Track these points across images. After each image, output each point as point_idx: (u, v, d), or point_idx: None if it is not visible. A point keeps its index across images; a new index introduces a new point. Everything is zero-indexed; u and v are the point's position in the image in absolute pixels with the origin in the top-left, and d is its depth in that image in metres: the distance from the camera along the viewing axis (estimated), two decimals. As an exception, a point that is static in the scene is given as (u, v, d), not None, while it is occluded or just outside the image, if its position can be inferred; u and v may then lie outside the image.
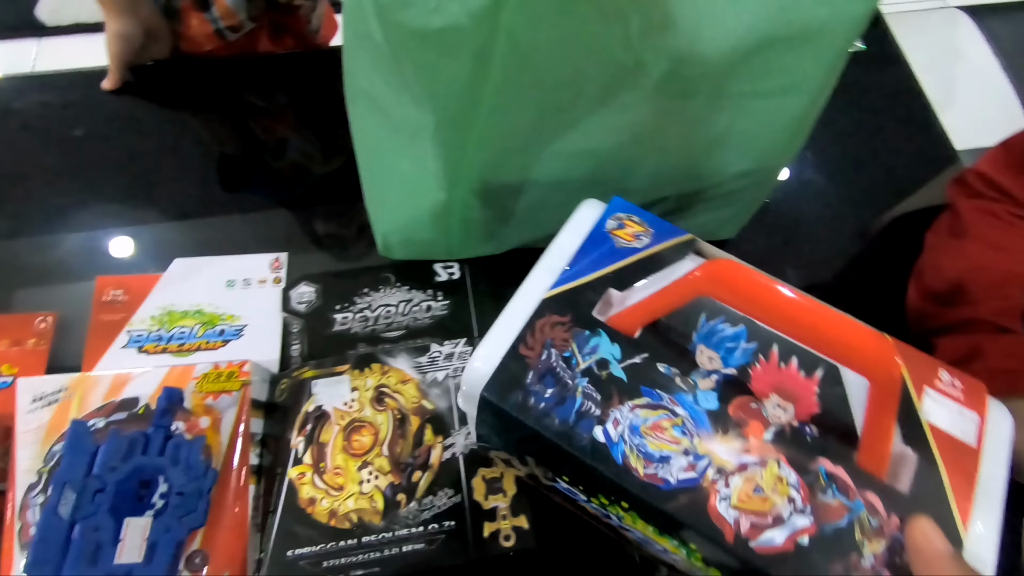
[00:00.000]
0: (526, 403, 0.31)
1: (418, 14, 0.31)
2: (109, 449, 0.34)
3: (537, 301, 0.33)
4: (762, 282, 0.29)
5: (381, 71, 0.35)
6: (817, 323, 0.28)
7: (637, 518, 0.32)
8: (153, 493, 0.35)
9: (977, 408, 0.31)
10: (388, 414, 0.41)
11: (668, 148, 0.41)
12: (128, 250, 0.53)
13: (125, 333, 0.49)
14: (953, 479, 0.29)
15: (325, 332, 0.50)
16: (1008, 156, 0.47)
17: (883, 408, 0.28)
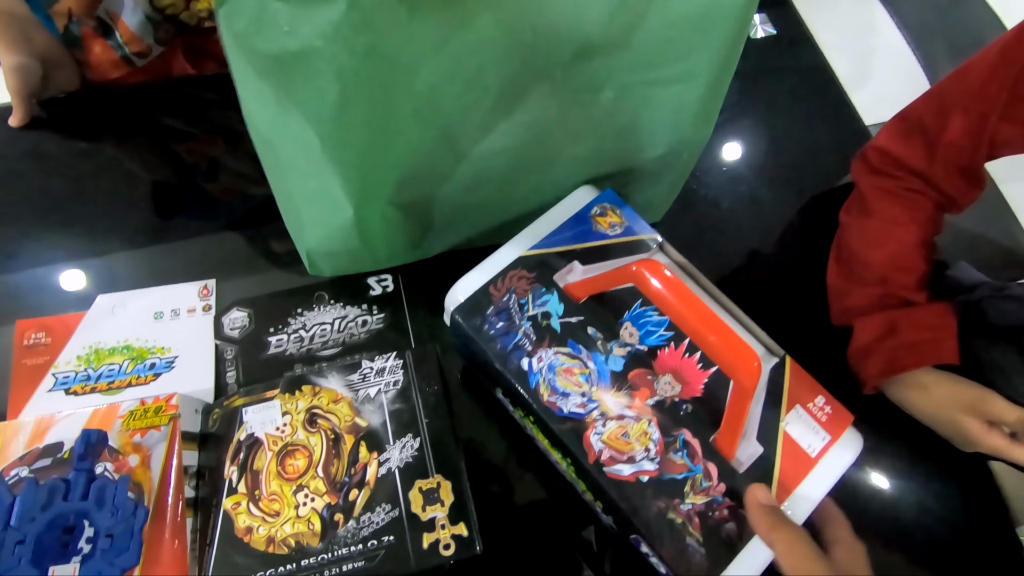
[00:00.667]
0: (481, 327, 0.39)
1: (272, 39, 0.31)
2: (26, 500, 0.33)
3: (515, 256, 0.41)
4: (671, 286, 0.35)
5: (264, 94, 0.35)
6: (703, 330, 0.33)
7: (539, 432, 0.39)
8: (79, 538, 0.34)
9: (832, 432, 0.37)
10: (321, 435, 0.42)
11: (581, 139, 0.42)
12: (48, 289, 0.51)
13: (51, 376, 0.48)
14: (782, 474, 0.36)
15: (260, 356, 0.49)
16: (902, 125, 0.49)
17: (739, 404, 0.34)
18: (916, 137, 0.48)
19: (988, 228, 0.66)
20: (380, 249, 0.47)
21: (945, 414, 0.43)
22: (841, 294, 0.51)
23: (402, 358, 0.44)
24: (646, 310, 0.40)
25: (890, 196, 0.49)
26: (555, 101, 0.38)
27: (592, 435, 0.36)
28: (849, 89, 0.67)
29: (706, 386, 0.38)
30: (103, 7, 0.56)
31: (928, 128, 0.47)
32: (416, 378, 0.44)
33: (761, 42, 0.69)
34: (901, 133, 0.49)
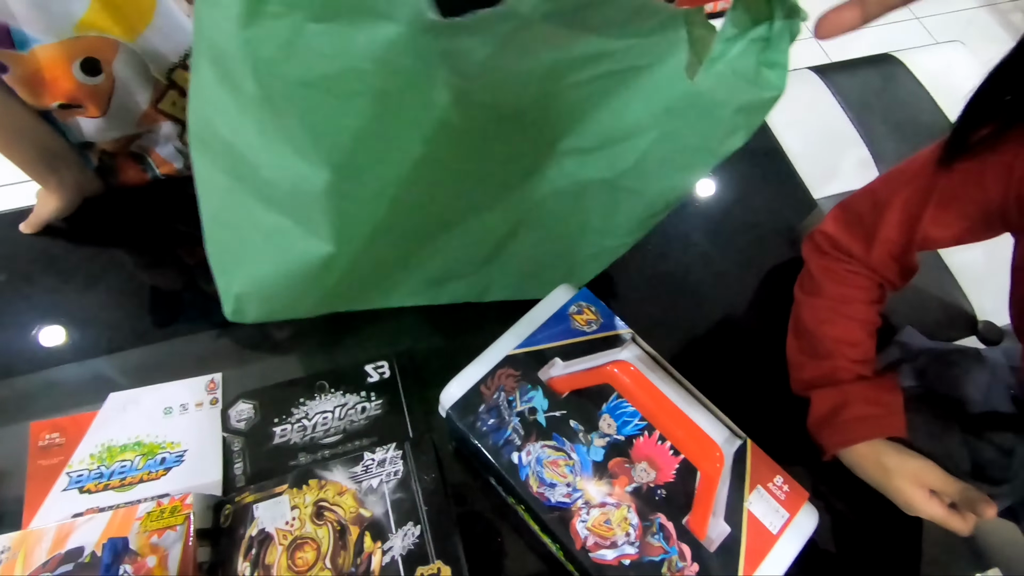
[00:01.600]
0: (475, 424, 0.43)
1: (304, 63, 0.30)
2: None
3: (503, 355, 0.45)
4: (640, 385, 0.41)
5: (252, 122, 0.34)
6: (670, 425, 0.39)
7: (530, 519, 0.43)
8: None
9: (790, 509, 0.41)
10: (328, 527, 0.45)
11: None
12: (61, 390, 0.54)
13: (65, 476, 0.50)
14: (748, 551, 0.39)
15: (266, 447, 0.52)
16: (844, 215, 0.55)
17: (706, 490, 0.39)
18: (855, 228, 0.54)
19: (932, 290, 0.73)
20: (327, 293, 0.47)
21: (893, 482, 0.47)
22: (798, 366, 0.56)
23: (401, 448, 0.48)
24: (622, 402, 0.44)
25: (836, 277, 0.55)
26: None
27: (578, 523, 0.40)
28: (797, 165, 0.74)
29: (677, 471, 0.42)
30: (136, 144, 0.62)
31: (865, 222, 0.53)
32: (415, 468, 0.47)
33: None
34: (843, 222, 0.55)
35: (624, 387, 0.40)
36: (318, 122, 0.33)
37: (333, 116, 0.33)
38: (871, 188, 0.54)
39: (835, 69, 0.87)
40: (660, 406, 0.39)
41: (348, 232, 0.40)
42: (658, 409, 0.39)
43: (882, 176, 0.54)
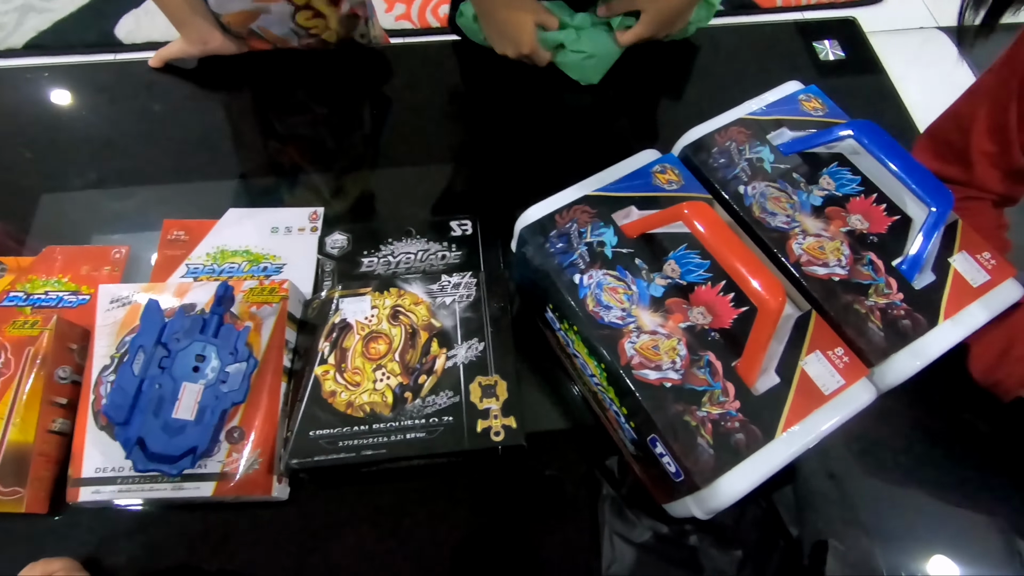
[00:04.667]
0: (543, 245, 0.46)
1: None
2: (175, 324, 0.42)
3: (581, 193, 0.48)
4: (713, 224, 0.40)
5: None
6: (736, 261, 0.38)
7: (580, 340, 0.44)
8: (206, 366, 0.42)
9: (847, 378, 0.40)
10: (401, 328, 0.48)
11: None
12: (191, 200, 0.62)
13: (184, 266, 0.57)
14: (794, 404, 0.39)
15: (353, 272, 0.57)
16: (932, 144, 0.53)
17: (761, 331, 0.38)
18: (947, 154, 0.52)
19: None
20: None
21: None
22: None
23: (476, 277, 0.51)
24: (690, 252, 0.45)
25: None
26: None
27: (626, 343, 0.41)
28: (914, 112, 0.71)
29: (735, 321, 0.42)
30: (256, 23, 0.69)
31: (956, 144, 0.51)
32: (486, 295, 0.50)
33: (833, 64, 0.74)
34: (934, 152, 0.53)
35: (694, 225, 0.40)
36: None
37: None
38: (952, 110, 0.52)
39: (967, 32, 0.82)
40: (728, 245, 0.38)
41: None
42: (726, 247, 0.38)
43: (961, 96, 0.52)
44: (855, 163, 0.49)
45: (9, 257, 0.57)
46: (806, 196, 0.46)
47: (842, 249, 0.44)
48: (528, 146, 0.66)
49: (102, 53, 1.54)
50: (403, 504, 0.47)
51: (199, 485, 0.42)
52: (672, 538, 0.44)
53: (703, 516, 0.39)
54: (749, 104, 0.52)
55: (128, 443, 0.37)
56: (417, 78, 0.71)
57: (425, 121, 0.68)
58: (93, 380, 0.46)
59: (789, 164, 0.48)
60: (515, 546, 0.46)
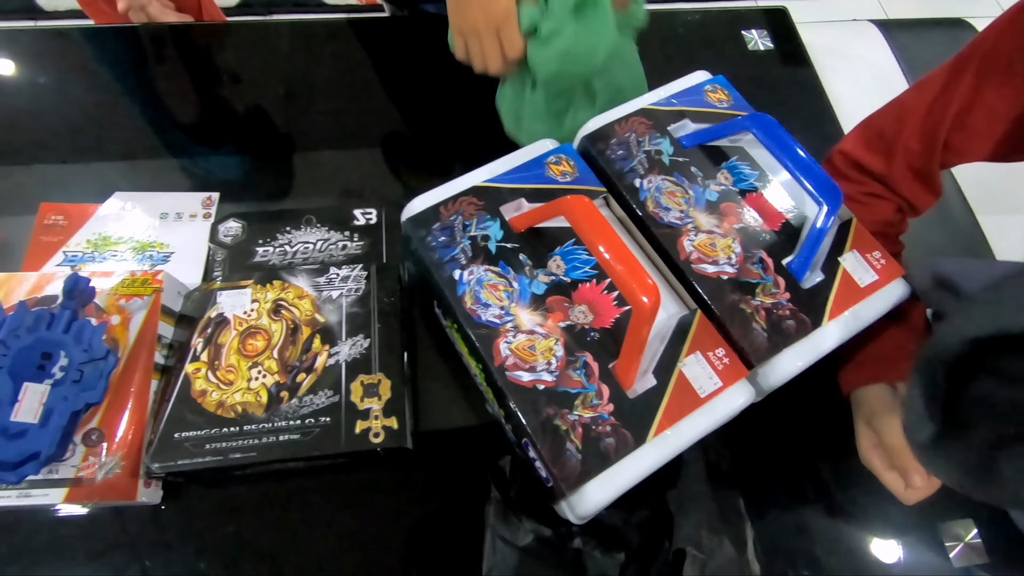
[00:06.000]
0: (425, 238, 0.43)
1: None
2: (14, 319, 0.38)
3: (469, 185, 0.45)
4: (592, 218, 0.38)
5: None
6: (613, 259, 0.36)
7: (460, 339, 0.43)
8: (53, 365, 0.39)
9: (726, 380, 0.39)
10: (282, 323, 0.46)
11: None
12: (71, 182, 0.58)
13: (61, 253, 0.53)
14: (669, 407, 0.38)
15: (246, 262, 0.54)
16: (865, 132, 0.52)
17: (636, 333, 0.36)
18: (876, 142, 0.51)
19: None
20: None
21: (857, 421, 0.45)
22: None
23: (367, 271, 0.48)
24: (576, 248, 0.43)
25: (851, 201, 0.51)
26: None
27: (502, 343, 0.39)
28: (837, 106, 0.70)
29: (616, 321, 0.41)
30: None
31: (887, 133, 0.50)
32: (376, 288, 0.48)
33: (761, 54, 0.73)
34: (863, 139, 0.52)
35: (575, 218, 0.38)
36: None
37: None
38: (898, 100, 0.51)
39: (899, 26, 0.82)
40: (606, 241, 0.36)
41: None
42: (605, 245, 0.36)
43: (910, 88, 0.51)
44: (755, 158, 0.48)
45: None
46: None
47: (733, 247, 0.43)
48: (441, 131, 0.63)
49: (22, 20, 1.44)
50: (283, 506, 0.45)
51: (48, 492, 0.39)
52: (555, 541, 0.43)
53: (576, 521, 0.38)
54: (653, 94, 0.51)
55: None
56: (327, 56, 0.68)
57: (334, 102, 0.65)
58: (-64, 378, 0.42)
59: (688, 157, 0.47)
60: (394, 550, 0.44)
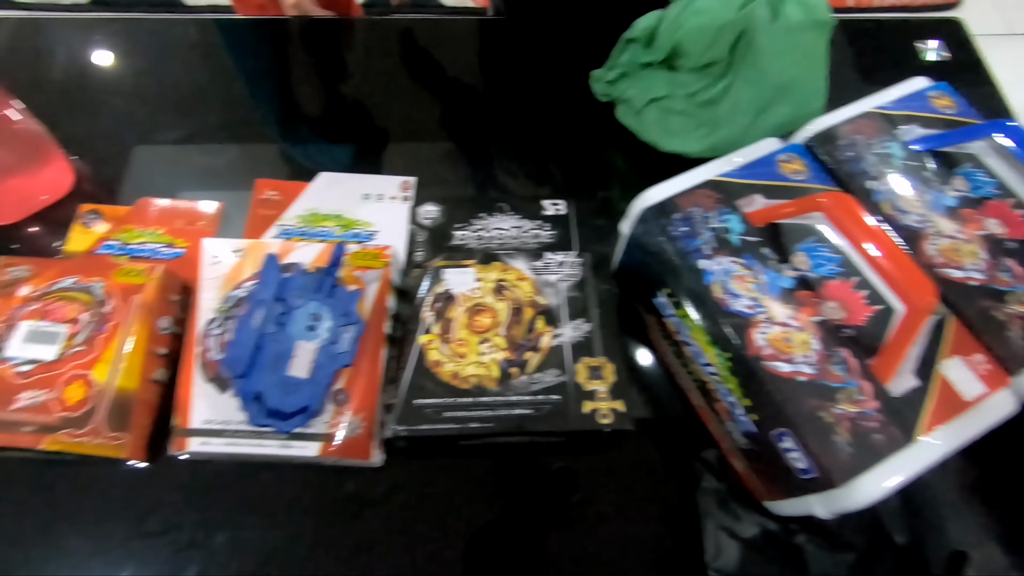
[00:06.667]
0: (666, 228, 0.44)
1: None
2: (294, 281, 0.41)
3: (704, 178, 0.46)
4: (854, 217, 0.39)
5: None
6: (884, 256, 0.37)
7: (699, 328, 0.43)
8: (321, 326, 0.42)
9: (990, 385, 0.38)
10: (506, 303, 0.47)
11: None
12: (283, 161, 0.61)
13: (276, 226, 0.57)
14: (936, 408, 0.37)
15: (445, 244, 0.56)
16: None
17: (907, 331, 0.36)
18: None
19: None
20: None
21: None
22: None
23: (581, 257, 0.50)
24: (819, 246, 0.43)
25: None
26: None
27: (756, 332, 0.40)
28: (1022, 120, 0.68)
29: (869, 320, 0.40)
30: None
31: None
32: (591, 276, 0.49)
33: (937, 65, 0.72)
34: None
35: (837, 215, 0.39)
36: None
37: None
38: None
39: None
40: (876, 238, 0.37)
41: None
42: (873, 244, 0.37)
43: None
44: (989, 166, 0.47)
45: (105, 206, 0.57)
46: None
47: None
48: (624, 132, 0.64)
49: (161, 14, 1.55)
50: (498, 479, 0.47)
51: (306, 445, 0.42)
52: (779, 536, 0.42)
53: (826, 515, 0.37)
54: (875, 98, 0.50)
55: (248, 396, 0.36)
56: (526, 54, 0.70)
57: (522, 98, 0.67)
58: (199, 333, 0.45)
59: (919, 162, 0.47)
60: (612, 529, 0.45)
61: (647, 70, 0.59)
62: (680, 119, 0.58)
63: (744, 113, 0.55)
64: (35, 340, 0.45)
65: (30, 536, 0.44)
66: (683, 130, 0.58)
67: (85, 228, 0.56)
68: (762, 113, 0.55)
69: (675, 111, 0.58)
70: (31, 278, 0.47)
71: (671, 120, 0.59)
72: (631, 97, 0.60)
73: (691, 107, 0.57)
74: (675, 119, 0.58)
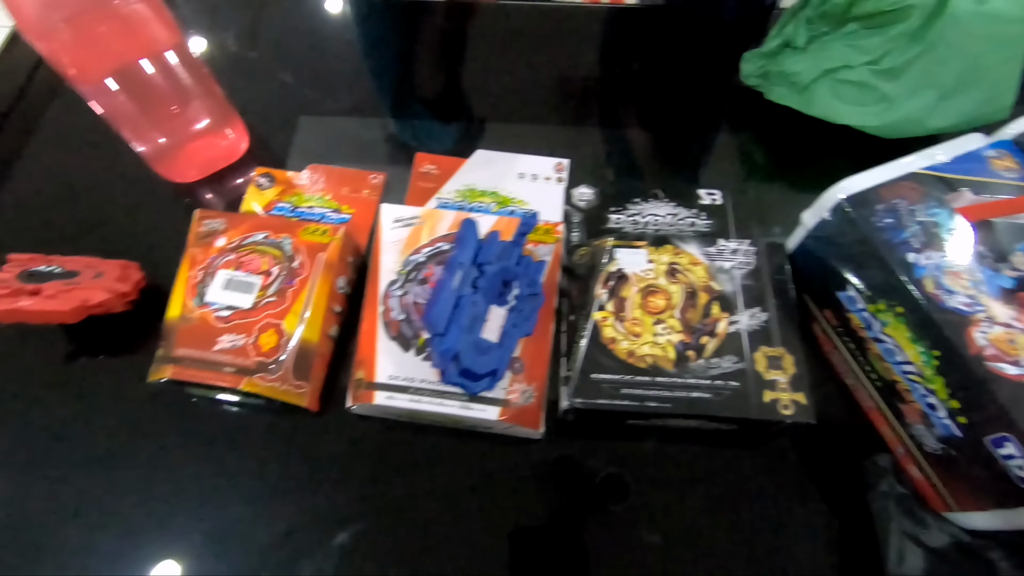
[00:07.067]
0: (867, 218, 0.42)
1: None
2: (490, 247, 0.42)
3: (907, 170, 0.44)
4: None
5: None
6: None
7: (900, 324, 0.41)
8: (509, 293, 0.42)
9: None
10: (680, 286, 0.47)
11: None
12: (442, 137, 0.63)
13: (435, 199, 0.58)
14: None
15: (600, 226, 0.57)
16: None
17: None
18: None
19: None
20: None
21: None
22: None
23: (756, 245, 0.49)
24: None
25: None
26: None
27: (976, 331, 0.38)
28: None
29: None
30: None
31: None
32: (767, 264, 0.48)
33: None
34: None
35: None
36: None
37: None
38: None
39: None
40: None
41: None
42: None
43: None
44: None
45: (276, 170, 0.60)
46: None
47: None
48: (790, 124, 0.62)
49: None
50: (662, 461, 0.46)
51: (486, 408, 0.43)
52: (971, 548, 0.40)
53: None
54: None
55: (446, 354, 0.38)
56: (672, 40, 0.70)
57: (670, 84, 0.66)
58: (381, 293, 0.47)
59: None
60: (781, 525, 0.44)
61: (819, 40, 0.57)
62: (857, 90, 0.55)
63: (929, 91, 0.53)
64: (233, 288, 0.47)
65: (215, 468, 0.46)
66: (860, 101, 0.55)
67: (259, 190, 0.59)
68: (947, 98, 0.53)
69: (851, 81, 0.55)
70: (225, 231, 0.50)
71: (846, 90, 0.56)
72: (797, 71, 0.58)
73: (871, 77, 0.54)
74: (851, 90, 0.56)
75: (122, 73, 0.48)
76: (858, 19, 0.54)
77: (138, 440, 0.48)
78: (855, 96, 0.56)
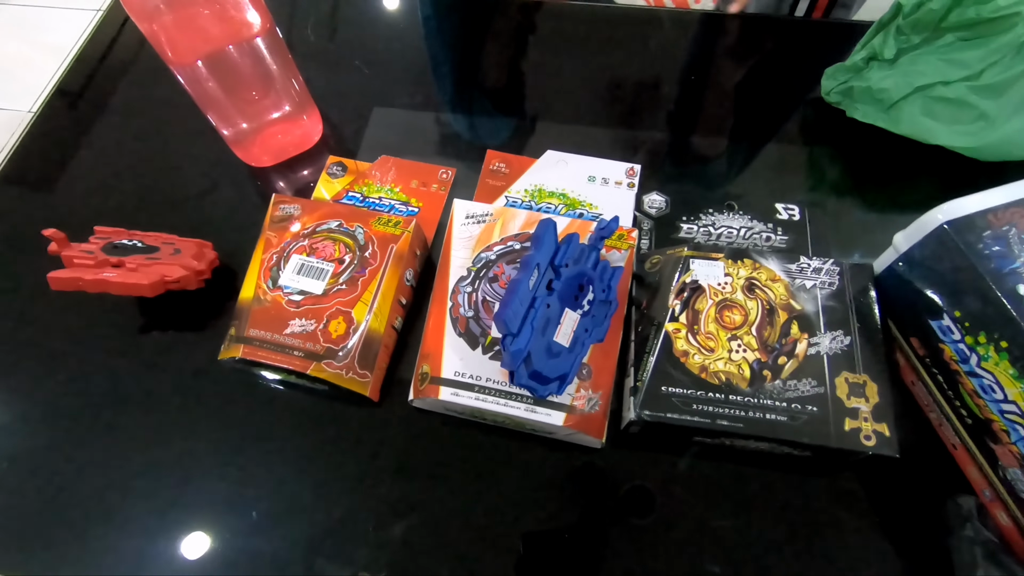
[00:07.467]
0: (974, 246, 0.40)
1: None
2: (568, 250, 0.42)
3: (1017, 196, 0.41)
4: None
5: None
6: None
7: (1003, 359, 0.38)
8: (584, 297, 0.42)
9: None
10: (757, 302, 0.45)
11: None
12: (515, 136, 0.63)
13: (504, 197, 0.58)
14: None
15: (671, 235, 0.55)
16: None
17: None
18: None
19: None
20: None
21: None
22: None
23: (839, 266, 0.47)
24: None
25: None
26: None
27: None
28: None
29: None
30: None
31: None
32: (850, 286, 0.46)
33: None
34: None
35: None
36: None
37: None
38: None
39: None
40: None
41: None
42: None
43: None
44: None
45: (348, 159, 0.61)
46: None
47: None
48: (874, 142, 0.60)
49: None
50: (729, 484, 0.45)
51: (551, 413, 0.42)
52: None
53: None
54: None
55: (517, 355, 0.37)
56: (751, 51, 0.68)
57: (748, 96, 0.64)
58: (450, 288, 0.47)
59: None
60: (857, 562, 0.42)
61: (910, 54, 0.54)
62: (952, 108, 0.52)
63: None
64: (305, 273, 0.48)
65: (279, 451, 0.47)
66: (955, 120, 0.52)
67: (331, 178, 0.60)
68: None
69: (946, 99, 0.52)
70: (300, 216, 0.51)
71: (940, 108, 0.53)
72: (885, 88, 0.55)
73: (968, 94, 0.51)
74: (946, 108, 0.52)
75: (214, 57, 0.49)
76: (955, 29, 0.51)
77: (202, 416, 0.49)
78: (950, 115, 0.53)
